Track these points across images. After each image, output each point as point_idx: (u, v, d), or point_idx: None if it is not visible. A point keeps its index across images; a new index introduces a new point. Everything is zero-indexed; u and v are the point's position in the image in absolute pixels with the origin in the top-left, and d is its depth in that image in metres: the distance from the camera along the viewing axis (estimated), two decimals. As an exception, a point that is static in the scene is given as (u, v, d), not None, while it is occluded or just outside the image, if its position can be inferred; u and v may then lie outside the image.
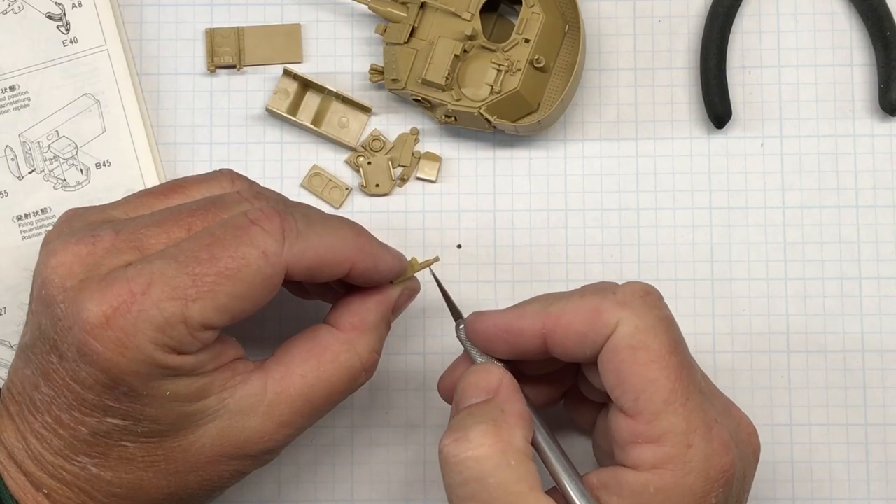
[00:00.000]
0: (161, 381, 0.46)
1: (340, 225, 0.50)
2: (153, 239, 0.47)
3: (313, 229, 0.48)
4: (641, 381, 0.46)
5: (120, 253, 0.47)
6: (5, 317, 0.60)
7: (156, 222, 0.48)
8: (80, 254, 0.47)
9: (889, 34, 0.60)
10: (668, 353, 0.47)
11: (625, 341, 0.47)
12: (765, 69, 0.61)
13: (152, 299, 0.45)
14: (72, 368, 0.46)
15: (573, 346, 0.48)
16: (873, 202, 0.61)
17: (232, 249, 0.46)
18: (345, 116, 0.61)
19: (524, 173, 0.61)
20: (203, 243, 0.46)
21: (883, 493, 0.59)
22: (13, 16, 0.61)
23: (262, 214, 0.47)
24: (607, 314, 0.47)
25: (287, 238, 0.47)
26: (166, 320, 0.45)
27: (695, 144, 0.61)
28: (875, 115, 0.61)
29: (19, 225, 0.60)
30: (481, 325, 0.51)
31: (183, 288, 0.45)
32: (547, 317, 0.48)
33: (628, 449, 0.47)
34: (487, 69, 0.59)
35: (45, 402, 0.47)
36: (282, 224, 0.47)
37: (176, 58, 0.62)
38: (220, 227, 0.47)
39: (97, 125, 0.61)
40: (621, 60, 0.62)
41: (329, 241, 0.49)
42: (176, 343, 0.46)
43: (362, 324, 0.51)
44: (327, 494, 0.60)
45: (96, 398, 0.46)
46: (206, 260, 0.46)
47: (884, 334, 0.60)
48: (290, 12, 0.62)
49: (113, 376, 0.45)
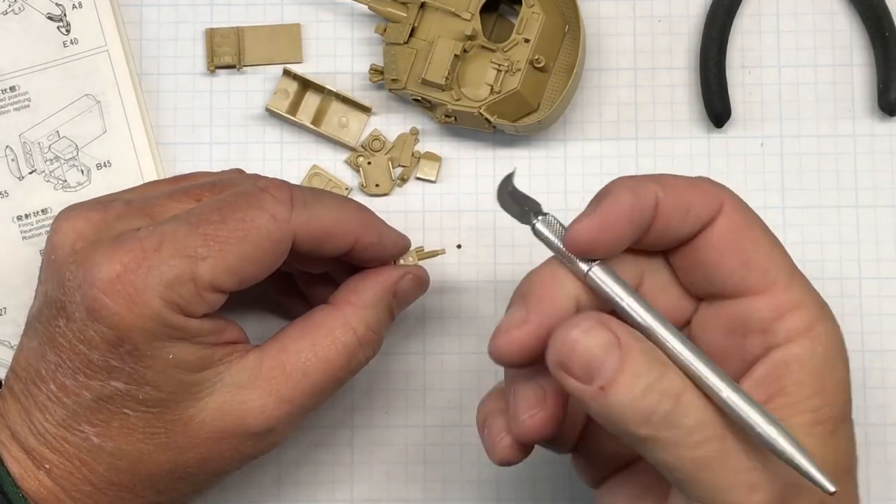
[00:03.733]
0: (165, 342, 0.47)
1: (346, 200, 0.52)
2: (162, 207, 0.49)
3: (320, 201, 0.50)
4: (766, 253, 0.46)
5: (131, 218, 0.49)
6: (5, 317, 0.60)
7: (166, 195, 0.50)
8: (91, 219, 0.49)
9: (888, 34, 0.60)
10: (769, 229, 0.47)
11: (740, 219, 0.46)
12: (765, 69, 0.61)
13: (163, 256, 0.46)
14: (79, 328, 0.47)
15: (678, 219, 0.45)
16: (873, 202, 0.61)
17: (242, 212, 0.48)
18: (345, 116, 0.61)
19: (524, 173, 0.61)
20: (215, 207, 0.48)
21: (883, 492, 0.59)
22: (13, 16, 0.61)
23: (272, 184, 0.49)
24: (712, 193, 0.46)
25: (295, 205, 0.49)
26: (176, 277, 0.46)
27: (694, 144, 0.61)
28: (875, 115, 0.61)
29: (19, 225, 0.60)
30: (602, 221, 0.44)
31: (194, 247, 0.47)
32: (659, 183, 0.45)
33: (774, 327, 0.45)
34: (487, 69, 0.59)
35: (49, 370, 0.48)
36: (290, 192, 0.49)
37: (176, 58, 0.62)
38: (231, 195, 0.49)
39: (97, 126, 0.61)
40: (621, 60, 0.62)
41: (335, 213, 0.50)
42: (184, 301, 0.47)
43: (358, 299, 0.52)
44: (327, 494, 0.60)
45: (101, 358, 0.47)
46: (218, 221, 0.47)
47: (884, 334, 0.60)
48: (290, 12, 0.62)
49: (120, 332, 0.46)
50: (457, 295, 0.60)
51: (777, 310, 0.45)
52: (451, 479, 0.60)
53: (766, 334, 0.45)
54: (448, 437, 0.60)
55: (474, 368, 0.60)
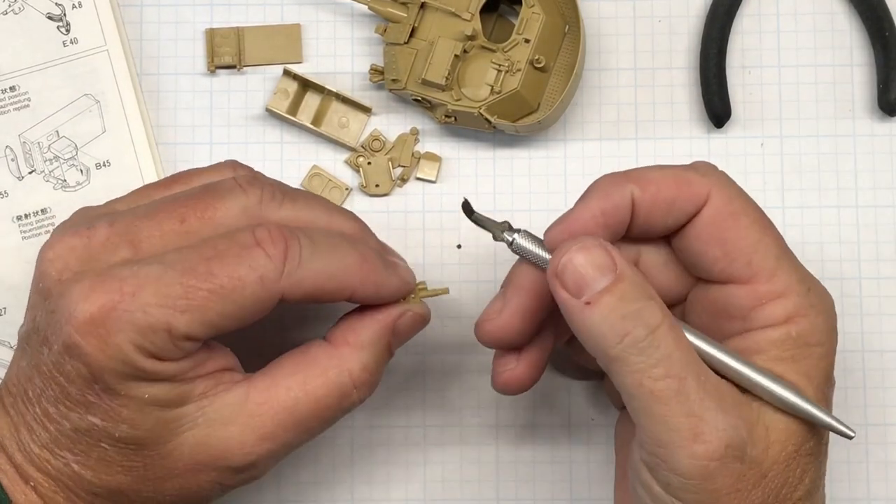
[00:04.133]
0: (139, 383, 0.46)
1: (346, 251, 0.49)
2: (146, 232, 0.48)
3: (316, 256, 0.48)
4: (751, 244, 0.47)
5: (115, 247, 0.47)
6: (5, 317, 0.60)
7: (149, 213, 0.48)
8: (75, 247, 0.48)
9: (888, 34, 0.60)
10: (762, 214, 0.48)
11: (725, 210, 0.47)
12: (765, 69, 0.61)
13: (140, 302, 0.45)
14: (58, 361, 0.46)
15: (659, 214, 0.48)
16: (873, 202, 0.61)
17: (230, 269, 0.46)
18: (345, 116, 0.61)
19: (524, 173, 0.61)
20: (203, 256, 0.46)
21: (883, 492, 0.59)
22: (13, 16, 0.61)
23: (269, 237, 0.47)
24: (697, 185, 0.48)
25: (288, 265, 0.47)
26: (150, 325, 0.45)
27: (694, 144, 0.61)
28: (875, 115, 0.61)
29: (19, 225, 0.60)
30: (571, 227, 0.48)
31: (174, 297, 0.45)
32: (635, 183, 0.48)
33: (753, 315, 0.47)
34: (487, 69, 0.59)
35: (35, 394, 0.47)
36: (285, 250, 0.47)
37: (176, 58, 0.62)
38: (223, 241, 0.47)
39: (97, 125, 0.61)
40: (621, 60, 0.62)
41: (331, 270, 0.48)
42: (157, 349, 0.45)
43: (356, 340, 0.50)
44: (327, 494, 0.60)
45: (78, 393, 0.46)
46: (203, 274, 0.46)
47: (884, 334, 0.60)
48: (290, 12, 0.62)
49: (93, 371, 0.45)
50: (457, 295, 0.60)
51: (757, 300, 0.47)
52: (451, 479, 0.60)
53: (744, 321, 0.47)
54: (448, 437, 0.60)
55: (474, 368, 0.60)
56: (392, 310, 0.51)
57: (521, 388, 0.51)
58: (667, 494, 0.45)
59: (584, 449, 0.60)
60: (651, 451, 0.45)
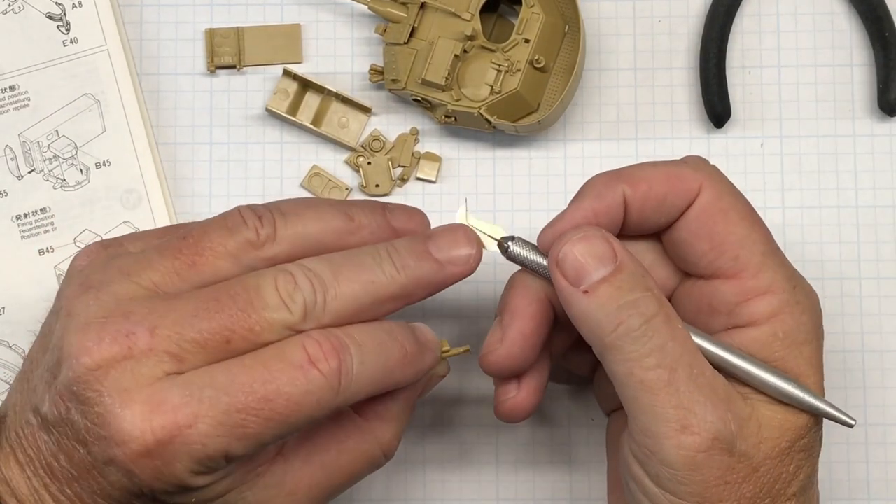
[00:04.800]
0: (188, 493, 0.45)
1: (390, 349, 0.47)
2: (190, 348, 0.45)
3: (366, 365, 0.46)
4: (739, 239, 0.48)
5: (159, 361, 0.45)
6: (5, 317, 0.60)
7: (190, 325, 0.45)
8: (115, 357, 0.44)
9: (888, 34, 0.60)
10: (752, 211, 0.49)
11: (715, 205, 0.48)
12: (765, 69, 0.61)
13: (198, 434, 0.44)
14: (101, 467, 0.45)
15: (651, 211, 0.48)
16: (873, 202, 0.61)
17: (287, 394, 0.44)
18: (345, 116, 0.61)
19: (524, 173, 0.61)
20: (257, 378, 0.44)
21: (883, 492, 0.59)
22: (13, 16, 0.61)
23: (321, 352, 0.45)
24: (688, 180, 0.48)
25: (342, 382, 0.45)
26: (208, 456, 0.44)
27: (694, 144, 0.61)
28: (874, 115, 0.61)
29: (18, 225, 0.60)
30: (565, 229, 0.48)
31: (231, 426, 0.44)
32: (627, 182, 0.48)
33: (738, 310, 0.47)
34: (487, 69, 0.59)
35: (65, 476, 0.46)
36: (339, 366, 0.45)
37: (176, 58, 0.62)
38: (274, 360, 0.45)
39: (97, 125, 0.61)
40: (621, 60, 0.62)
41: (379, 377, 0.47)
42: (212, 469, 0.45)
43: (387, 412, 0.50)
44: (327, 494, 0.60)
45: (122, 496, 0.45)
46: (259, 400, 0.44)
47: (884, 334, 0.60)
48: (290, 12, 0.62)
49: (143, 488, 0.45)
50: (456, 296, 0.60)
51: (743, 294, 0.47)
52: (452, 479, 0.60)
53: (730, 316, 0.48)
54: (448, 437, 0.60)
55: (474, 368, 0.60)
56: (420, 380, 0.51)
57: (525, 414, 0.51)
58: (657, 488, 0.46)
59: (584, 449, 0.60)
60: (640, 441, 0.45)
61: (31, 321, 0.60)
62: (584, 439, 0.60)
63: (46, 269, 0.60)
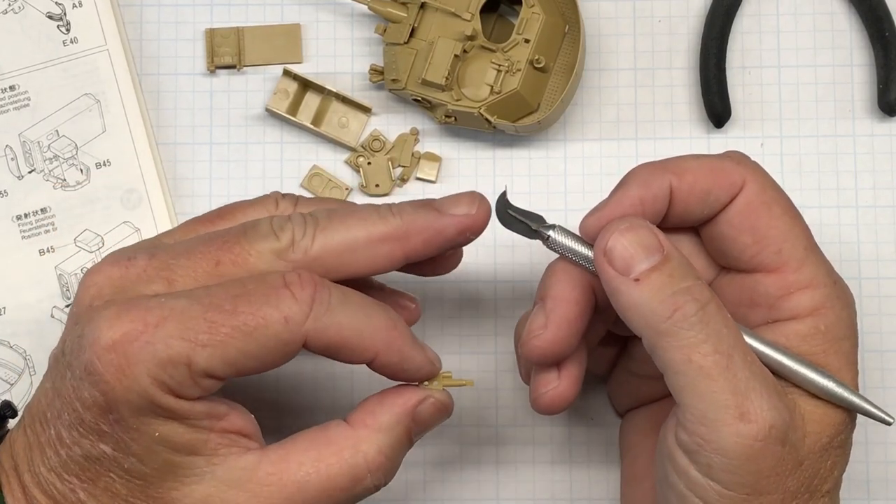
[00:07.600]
0: (152, 418, 0.45)
1: (377, 312, 0.48)
2: (181, 270, 0.47)
3: (346, 307, 0.47)
4: (781, 233, 0.48)
5: (150, 280, 0.47)
6: (5, 317, 0.60)
7: (187, 251, 0.48)
8: (112, 276, 0.47)
9: (888, 34, 0.60)
10: (793, 206, 0.49)
11: (758, 198, 0.48)
12: (765, 69, 0.62)
13: (162, 334, 0.45)
14: (77, 386, 0.46)
15: (695, 204, 0.48)
16: (873, 202, 0.61)
17: (255, 307, 0.45)
18: (345, 116, 0.61)
19: (524, 173, 0.61)
20: (231, 293, 0.46)
21: (883, 493, 0.59)
22: (13, 16, 0.61)
23: (298, 280, 0.46)
24: (733, 173, 0.48)
25: (315, 309, 0.46)
26: (170, 358, 0.44)
27: (694, 144, 0.61)
28: (874, 115, 0.61)
29: (19, 224, 0.60)
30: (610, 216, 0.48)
31: (196, 331, 0.45)
32: (673, 173, 0.48)
33: (780, 304, 0.48)
34: (487, 69, 0.59)
35: (53, 417, 0.47)
36: (314, 294, 0.46)
37: (176, 58, 0.62)
38: (252, 281, 0.46)
39: (97, 125, 0.61)
40: (621, 60, 0.62)
41: (357, 325, 0.47)
42: (174, 383, 0.45)
43: (374, 422, 0.49)
44: (327, 494, 0.60)
45: (93, 420, 0.46)
46: (228, 310, 0.45)
47: (884, 334, 0.60)
48: (290, 12, 0.63)
49: (108, 400, 0.45)
50: (457, 295, 0.60)
51: (785, 288, 0.48)
52: (451, 478, 0.60)
53: (770, 310, 0.48)
54: (448, 436, 0.60)
55: (474, 368, 0.60)
56: (413, 394, 0.49)
57: (565, 405, 0.50)
58: (704, 478, 0.45)
59: (585, 449, 0.60)
60: (693, 430, 0.45)
61: (32, 321, 0.60)
62: (585, 439, 0.60)
63: (47, 269, 0.60)
